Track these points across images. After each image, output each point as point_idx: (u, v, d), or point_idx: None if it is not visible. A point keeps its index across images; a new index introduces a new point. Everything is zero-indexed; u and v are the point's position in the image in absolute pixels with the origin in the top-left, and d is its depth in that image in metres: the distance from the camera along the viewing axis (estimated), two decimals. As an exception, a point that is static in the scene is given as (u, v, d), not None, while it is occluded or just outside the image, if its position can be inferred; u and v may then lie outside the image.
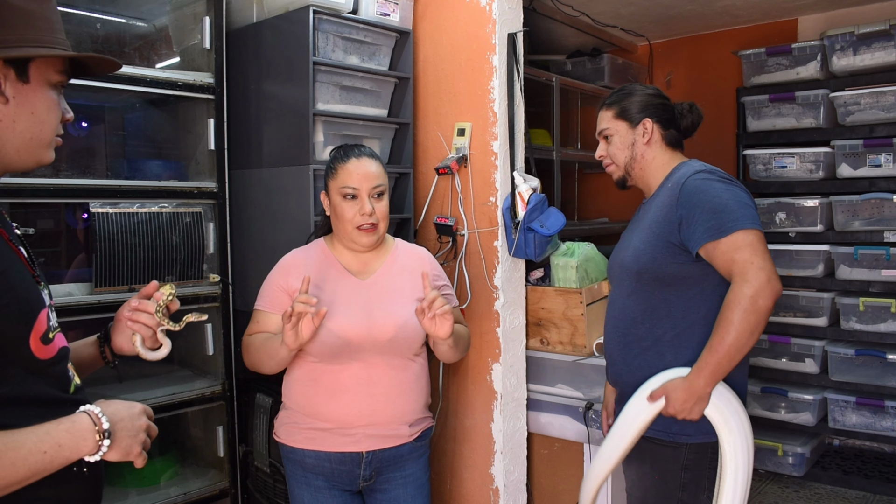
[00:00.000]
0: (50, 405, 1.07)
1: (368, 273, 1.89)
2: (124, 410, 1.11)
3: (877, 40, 3.43)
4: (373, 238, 1.85)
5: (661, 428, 1.77)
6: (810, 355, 3.61)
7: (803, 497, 3.43)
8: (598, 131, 1.96)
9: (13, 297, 1.02)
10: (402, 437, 1.86)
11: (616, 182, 1.96)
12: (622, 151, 1.90)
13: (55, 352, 1.10)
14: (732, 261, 1.62)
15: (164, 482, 2.46)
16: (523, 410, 2.61)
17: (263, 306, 1.88)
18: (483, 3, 2.47)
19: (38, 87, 1.08)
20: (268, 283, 1.90)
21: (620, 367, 1.88)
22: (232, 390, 2.48)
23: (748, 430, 1.71)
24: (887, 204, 3.42)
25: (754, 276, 1.58)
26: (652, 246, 1.76)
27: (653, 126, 1.88)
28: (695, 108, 1.93)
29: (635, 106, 1.89)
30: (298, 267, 1.87)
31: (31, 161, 1.11)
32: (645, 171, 1.90)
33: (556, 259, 2.64)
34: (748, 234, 1.62)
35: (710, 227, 1.65)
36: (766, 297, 1.58)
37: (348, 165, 1.85)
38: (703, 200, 1.68)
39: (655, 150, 1.89)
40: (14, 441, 0.97)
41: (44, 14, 1.08)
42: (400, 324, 1.82)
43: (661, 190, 1.83)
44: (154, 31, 2.63)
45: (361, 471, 1.84)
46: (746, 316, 1.58)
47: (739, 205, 1.66)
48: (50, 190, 2.08)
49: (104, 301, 2.15)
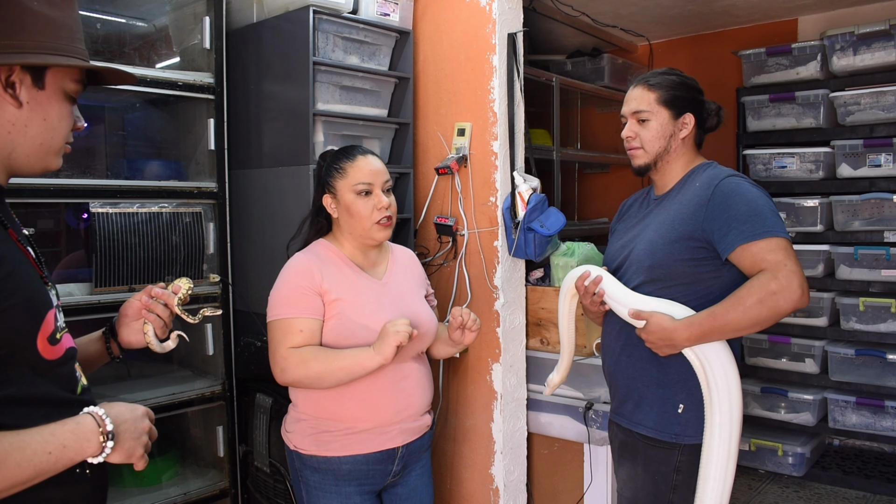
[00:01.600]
0: (57, 406, 1.07)
1: (379, 272, 1.92)
2: (127, 413, 1.11)
3: (877, 40, 3.44)
4: (389, 232, 1.88)
5: (660, 427, 1.75)
6: (810, 355, 3.61)
7: (803, 497, 3.43)
8: (633, 110, 1.83)
9: (21, 298, 1.02)
10: (425, 426, 1.93)
11: (636, 168, 1.86)
12: (657, 140, 1.80)
13: (62, 352, 1.10)
14: (764, 260, 1.59)
15: (165, 482, 2.46)
16: (523, 410, 2.61)
17: (299, 313, 1.75)
18: (483, 3, 2.47)
19: (53, 94, 1.09)
20: (290, 289, 1.79)
21: (618, 363, 1.86)
22: (232, 390, 2.48)
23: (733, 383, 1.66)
24: (887, 204, 3.42)
25: (785, 276, 1.55)
26: (671, 242, 1.72)
27: (693, 122, 1.81)
28: (721, 111, 1.87)
29: (683, 97, 1.80)
30: (318, 270, 1.80)
31: (39, 167, 1.11)
32: (669, 166, 1.82)
33: (556, 259, 2.64)
34: (783, 241, 1.60)
35: (745, 231, 1.62)
36: (787, 300, 1.55)
37: (357, 163, 1.85)
38: (739, 203, 1.65)
39: (686, 146, 1.82)
40: (20, 441, 0.97)
41: (65, 22, 1.08)
42: (423, 320, 1.89)
43: (685, 189, 1.78)
44: (154, 31, 2.63)
45: (394, 466, 1.86)
46: (760, 306, 1.56)
47: (773, 213, 1.64)
48: (50, 190, 2.08)
49: (104, 301, 2.15)
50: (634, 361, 1.80)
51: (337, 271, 1.83)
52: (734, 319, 1.58)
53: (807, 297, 1.56)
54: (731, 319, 1.58)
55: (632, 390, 1.82)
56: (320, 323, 1.77)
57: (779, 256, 1.58)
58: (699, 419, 1.68)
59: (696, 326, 1.62)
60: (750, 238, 1.61)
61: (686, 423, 1.71)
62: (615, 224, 2.02)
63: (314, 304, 1.77)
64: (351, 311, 1.78)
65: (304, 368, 1.72)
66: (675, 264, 1.71)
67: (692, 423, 1.71)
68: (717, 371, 1.65)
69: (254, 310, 2.57)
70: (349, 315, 1.77)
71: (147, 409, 1.16)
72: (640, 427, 1.80)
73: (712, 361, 1.65)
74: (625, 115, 1.86)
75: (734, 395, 1.65)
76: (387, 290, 1.88)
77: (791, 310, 1.56)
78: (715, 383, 1.64)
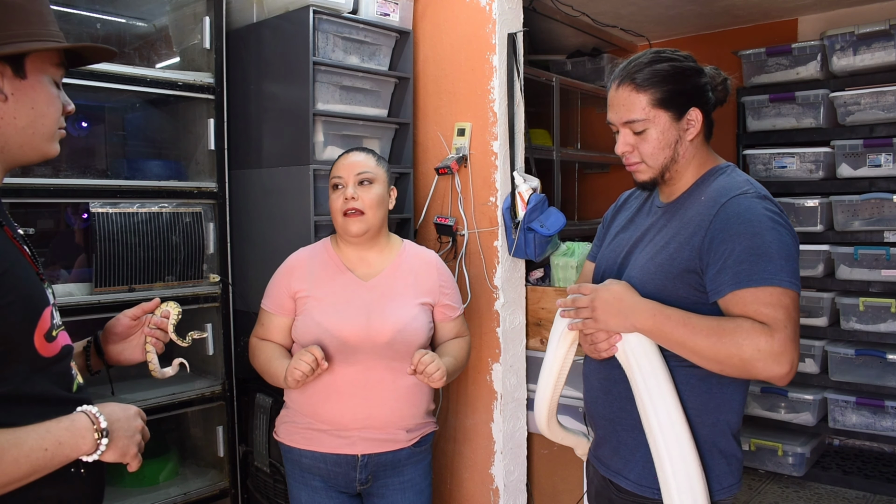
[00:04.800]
0: (52, 403, 1.07)
1: (371, 273, 1.89)
2: (120, 412, 1.12)
3: (877, 40, 3.43)
4: (360, 226, 1.84)
5: (642, 481, 1.44)
6: (810, 355, 3.61)
7: (803, 497, 3.43)
8: (624, 120, 1.44)
9: (18, 295, 1.02)
10: (399, 441, 1.84)
11: (641, 184, 1.51)
12: (661, 151, 1.43)
13: (58, 349, 1.11)
14: (758, 313, 1.27)
15: (164, 482, 2.46)
16: (523, 410, 2.61)
17: (268, 307, 1.90)
18: (483, 3, 2.47)
19: (36, 81, 1.08)
20: (273, 282, 1.92)
21: (596, 402, 1.55)
22: (232, 390, 2.48)
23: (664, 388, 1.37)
24: (887, 204, 3.42)
25: (781, 342, 1.24)
26: (664, 272, 1.40)
27: (699, 117, 1.43)
28: (728, 80, 1.50)
29: (679, 91, 1.41)
30: (302, 268, 1.89)
31: (36, 155, 1.11)
32: (679, 174, 1.47)
33: (556, 259, 2.64)
34: (785, 295, 1.27)
35: (741, 273, 1.29)
36: (767, 370, 1.25)
37: (339, 161, 1.91)
38: (742, 234, 1.30)
39: (696, 145, 1.46)
40: (16, 438, 0.98)
41: (34, 8, 1.07)
42: (399, 327, 1.80)
43: (690, 201, 1.44)
44: (154, 31, 2.63)
45: (357, 474, 1.83)
46: (734, 356, 1.26)
47: (784, 254, 1.29)
48: (50, 190, 2.08)
49: (104, 301, 2.15)
50: (613, 400, 1.49)
51: (320, 269, 1.88)
52: (701, 347, 1.30)
53: (791, 377, 1.26)
54: (697, 343, 1.30)
55: (609, 433, 1.51)
56: (284, 320, 1.87)
57: (778, 315, 1.26)
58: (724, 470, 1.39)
59: (664, 320, 1.33)
60: (744, 283, 1.28)
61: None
62: (611, 214, 1.70)
63: (283, 302, 1.87)
64: (314, 308, 1.82)
65: (253, 361, 1.91)
66: (669, 300, 1.38)
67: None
68: (651, 384, 1.37)
69: (254, 310, 2.56)
70: (311, 312, 1.82)
71: (139, 409, 1.17)
72: (618, 478, 1.49)
73: (644, 367, 1.37)
74: (613, 123, 1.48)
75: (670, 401, 1.36)
76: (367, 291, 1.84)
77: (764, 379, 1.27)
78: (648, 394, 1.37)
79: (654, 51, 1.47)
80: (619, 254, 1.55)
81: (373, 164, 1.88)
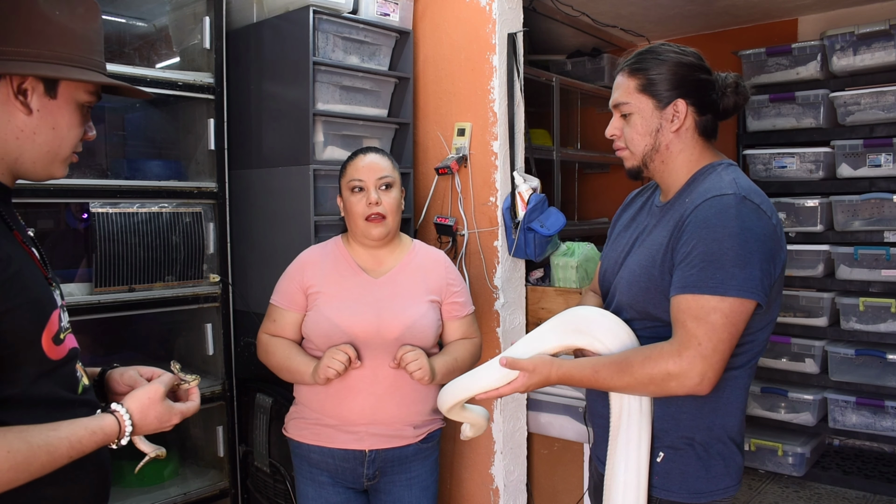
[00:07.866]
0: (58, 406, 1.07)
1: (382, 272, 1.90)
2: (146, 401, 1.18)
3: (877, 40, 3.43)
4: (382, 230, 1.85)
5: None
6: (810, 355, 3.61)
7: (803, 497, 3.43)
8: (613, 103, 1.49)
9: (26, 298, 1.03)
10: (406, 437, 1.85)
11: (628, 171, 1.53)
12: (642, 138, 1.45)
13: (66, 352, 1.11)
14: (682, 325, 1.29)
15: (165, 482, 2.46)
16: (523, 410, 2.61)
17: (279, 302, 1.90)
18: (483, 3, 2.47)
19: (65, 104, 1.09)
20: (284, 278, 1.92)
21: (594, 401, 1.57)
22: (232, 390, 2.48)
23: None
24: (887, 204, 3.42)
25: (689, 359, 1.27)
26: (647, 275, 1.41)
27: (686, 110, 1.43)
28: (742, 85, 1.47)
29: (667, 79, 1.43)
30: (315, 264, 1.90)
31: (45, 174, 1.12)
32: (667, 167, 1.47)
33: (556, 259, 2.64)
34: (722, 304, 1.27)
35: (688, 278, 1.30)
36: (682, 386, 1.28)
37: (355, 162, 1.89)
38: (706, 237, 1.30)
39: (685, 140, 1.45)
40: (48, 445, 0.99)
41: (84, 34, 1.09)
42: (408, 324, 1.82)
43: (680, 202, 1.43)
44: (154, 31, 2.63)
45: (365, 469, 1.84)
46: (650, 385, 1.31)
47: (740, 261, 1.27)
48: (50, 190, 2.08)
49: (104, 301, 2.15)
50: (608, 399, 1.49)
51: (331, 267, 1.89)
52: (620, 386, 1.35)
53: (707, 386, 1.28)
54: (616, 384, 1.35)
55: (606, 431, 1.51)
56: (296, 316, 1.87)
57: (699, 329, 1.27)
58: (683, 472, 1.41)
59: (570, 375, 1.40)
60: (687, 289, 1.30)
61: (666, 475, 1.41)
62: (618, 213, 1.71)
63: (296, 297, 1.87)
64: (325, 304, 1.83)
65: (267, 357, 1.89)
66: (650, 305, 1.41)
67: (673, 476, 1.41)
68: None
69: (254, 310, 2.57)
70: (321, 308, 1.83)
71: (158, 389, 1.20)
72: None
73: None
74: (610, 108, 1.53)
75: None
76: (378, 289, 1.86)
77: (687, 395, 1.31)
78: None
79: (660, 42, 1.51)
80: (619, 254, 1.56)
81: (390, 166, 1.90)
